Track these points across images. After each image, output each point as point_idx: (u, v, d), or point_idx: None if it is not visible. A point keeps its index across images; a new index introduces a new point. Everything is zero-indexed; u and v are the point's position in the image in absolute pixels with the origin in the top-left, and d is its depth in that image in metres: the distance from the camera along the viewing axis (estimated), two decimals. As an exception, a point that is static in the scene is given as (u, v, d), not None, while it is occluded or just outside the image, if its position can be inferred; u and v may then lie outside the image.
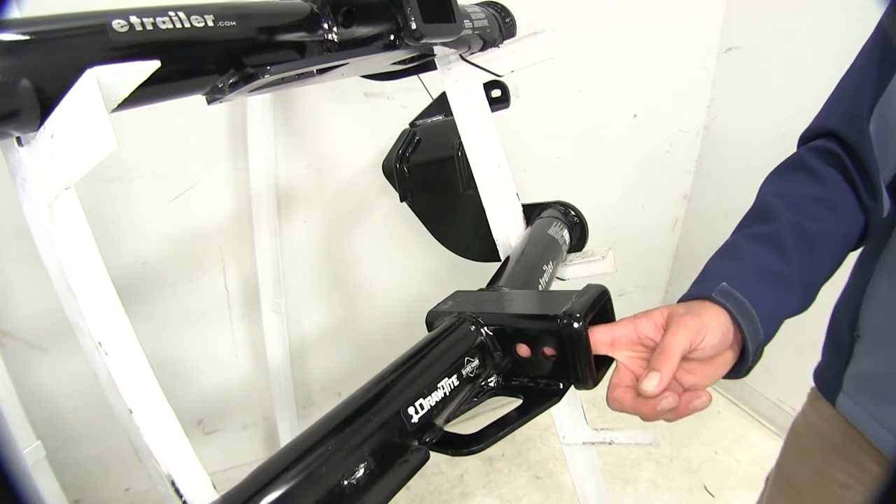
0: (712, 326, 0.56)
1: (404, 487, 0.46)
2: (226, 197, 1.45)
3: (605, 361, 0.60)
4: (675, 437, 1.97)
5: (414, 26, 0.51)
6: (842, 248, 0.68)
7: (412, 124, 1.11)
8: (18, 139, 0.40)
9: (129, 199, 1.33)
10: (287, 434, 1.65)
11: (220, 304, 1.56)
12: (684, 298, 0.62)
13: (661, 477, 1.87)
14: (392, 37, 0.52)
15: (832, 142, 0.69)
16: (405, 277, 1.77)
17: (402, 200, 1.09)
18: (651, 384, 0.52)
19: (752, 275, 0.61)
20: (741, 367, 0.60)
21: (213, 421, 1.71)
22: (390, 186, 1.12)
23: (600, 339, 0.57)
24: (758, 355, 0.60)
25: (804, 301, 0.65)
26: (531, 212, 0.94)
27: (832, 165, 0.69)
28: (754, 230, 0.67)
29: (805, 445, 0.83)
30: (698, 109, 2.07)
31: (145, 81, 0.38)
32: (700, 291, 0.60)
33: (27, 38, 0.39)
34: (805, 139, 0.74)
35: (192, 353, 1.58)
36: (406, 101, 1.47)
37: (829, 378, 0.78)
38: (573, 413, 0.93)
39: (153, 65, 0.37)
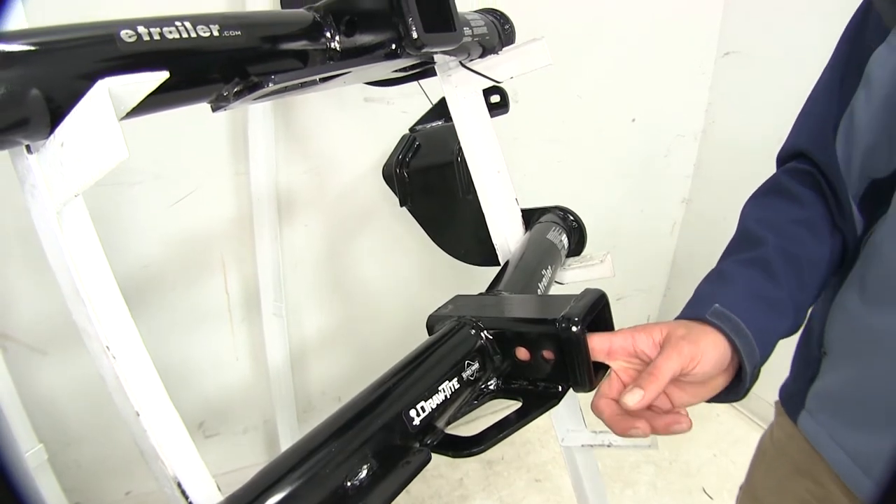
0: (708, 354, 0.56)
1: (405, 490, 0.47)
2: (227, 201, 1.46)
3: (602, 366, 0.60)
4: (673, 440, 1.98)
5: (415, 36, 0.52)
6: (826, 268, 0.69)
7: (412, 129, 1.12)
8: (28, 147, 0.41)
9: (131, 203, 1.34)
10: (287, 438, 1.65)
11: (221, 307, 1.57)
12: (680, 317, 0.63)
13: (660, 480, 1.88)
14: (393, 46, 0.53)
15: (805, 162, 0.70)
16: (405, 281, 1.78)
17: (402, 205, 1.10)
18: (632, 399, 0.53)
19: (744, 297, 0.62)
20: (738, 388, 0.61)
21: (213, 424, 1.71)
22: (390, 191, 1.13)
23: (598, 346, 0.58)
24: (755, 376, 0.61)
25: (795, 322, 0.66)
26: (530, 217, 0.95)
27: (809, 187, 0.70)
28: (741, 256, 0.68)
29: (770, 461, 0.82)
30: (696, 113, 2.09)
31: (153, 91, 0.39)
32: (693, 313, 0.61)
33: (36, 48, 0.40)
34: (781, 159, 0.75)
35: (193, 356, 1.59)
36: (406, 106, 1.48)
37: (793, 393, 0.77)
38: (572, 416, 0.93)
39: (162, 75, 0.38)
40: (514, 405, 0.61)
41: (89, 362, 1.36)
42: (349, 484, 0.44)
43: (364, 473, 0.44)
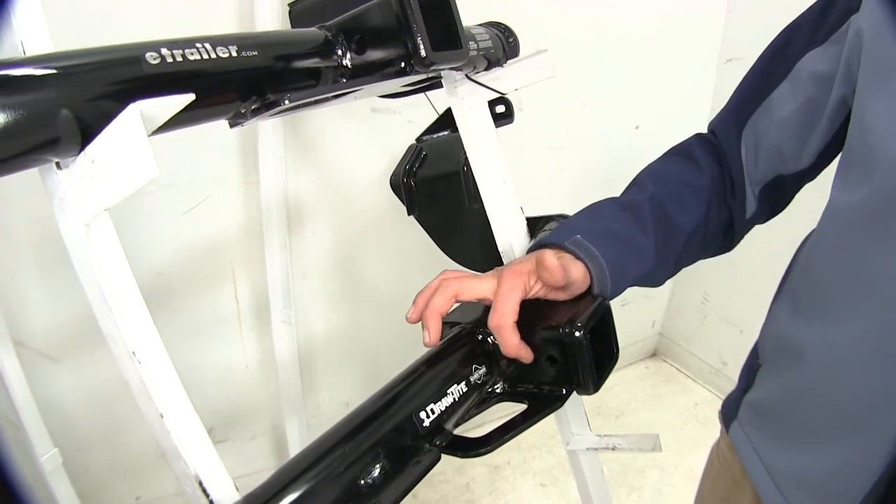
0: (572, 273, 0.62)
1: (411, 495, 0.49)
2: (237, 210, 1.49)
3: (606, 368, 0.63)
4: (679, 444, 1.99)
5: (423, 54, 0.54)
6: (699, 235, 0.72)
7: (419, 140, 1.14)
8: (57, 163, 0.44)
9: (143, 212, 1.36)
10: (296, 443, 1.67)
11: (231, 315, 1.59)
12: (539, 243, 0.69)
13: (666, 484, 1.89)
14: (402, 64, 0.56)
15: (716, 138, 0.75)
16: (413, 288, 1.78)
17: (409, 214, 1.11)
18: None
19: (605, 234, 0.66)
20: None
21: (222, 430, 1.73)
22: (398, 200, 1.15)
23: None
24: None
25: (655, 270, 0.69)
26: (535, 224, 0.97)
27: (714, 158, 0.74)
28: (620, 198, 0.73)
29: (716, 473, 0.84)
30: (700, 120, 2.10)
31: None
32: (555, 240, 0.66)
33: (66, 70, 0.42)
34: (709, 128, 0.79)
35: (204, 363, 1.61)
36: (412, 116, 1.50)
37: (731, 402, 0.78)
38: (577, 419, 0.95)
39: (188, 97, 0.40)
40: (520, 408, 0.63)
41: (100, 369, 1.37)
42: (362, 482, 0.46)
43: (377, 472, 0.46)
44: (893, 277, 0.52)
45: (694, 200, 0.72)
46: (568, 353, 0.59)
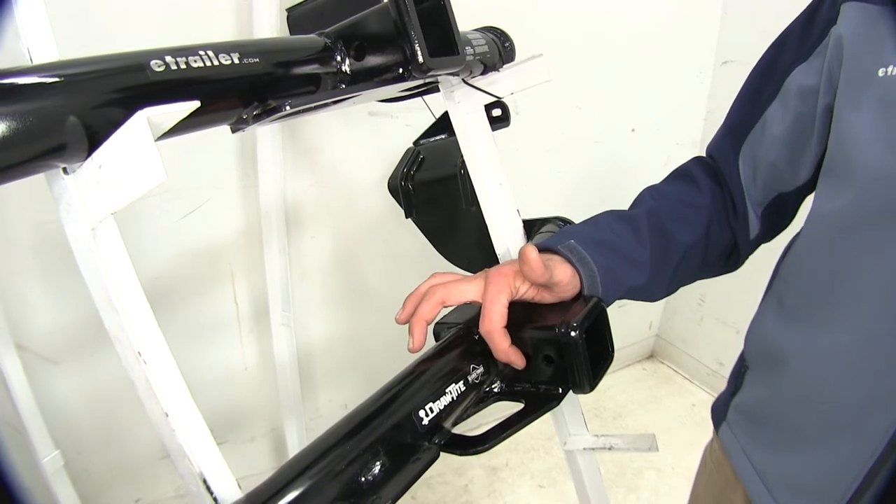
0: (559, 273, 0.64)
1: (410, 496, 0.50)
2: (235, 214, 1.50)
3: (602, 367, 0.64)
4: (676, 445, 2.00)
5: (421, 60, 0.55)
6: (697, 253, 0.72)
7: (416, 143, 1.14)
8: (64, 168, 0.45)
9: (142, 216, 1.37)
10: (295, 445, 1.68)
11: (230, 318, 1.60)
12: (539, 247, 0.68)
13: (663, 485, 1.90)
14: (401, 70, 0.57)
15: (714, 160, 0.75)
16: (411, 290, 1.80)
17: (407, 217, 1.12)
18: None
19: (599, 243, 0.67)
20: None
21: (222, 432, 1.74)
22: (395, 203, 1.16)
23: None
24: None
25: (649, 282, 0.69)
26: (531, 227, 0.98)
27: (713, 180, 0.74)
28: (619, 212, 0.73)
29: (709, 473, 0.84)
30: (695, 122, 2.12)
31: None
32: (551, 243, 0.67)
33: (73, 78, 0.43)
34: (706, 152, 0.79)
35: (203, 365, 1.62)
36: (409, 119, 1.52)
37: (720, 405, 0.79)
38: (574, 420, 0.96)
39: (194, 104, 0.41)
40: (518, 408, 0.64)
41: (101, 372, 1.38)
42: (363, 479, 0.47)
43: (377, 469, 0.48)
44: (876, 284, 0.53)
45: (694, 218, 0.72)
46: (564, 353, 0.60)
